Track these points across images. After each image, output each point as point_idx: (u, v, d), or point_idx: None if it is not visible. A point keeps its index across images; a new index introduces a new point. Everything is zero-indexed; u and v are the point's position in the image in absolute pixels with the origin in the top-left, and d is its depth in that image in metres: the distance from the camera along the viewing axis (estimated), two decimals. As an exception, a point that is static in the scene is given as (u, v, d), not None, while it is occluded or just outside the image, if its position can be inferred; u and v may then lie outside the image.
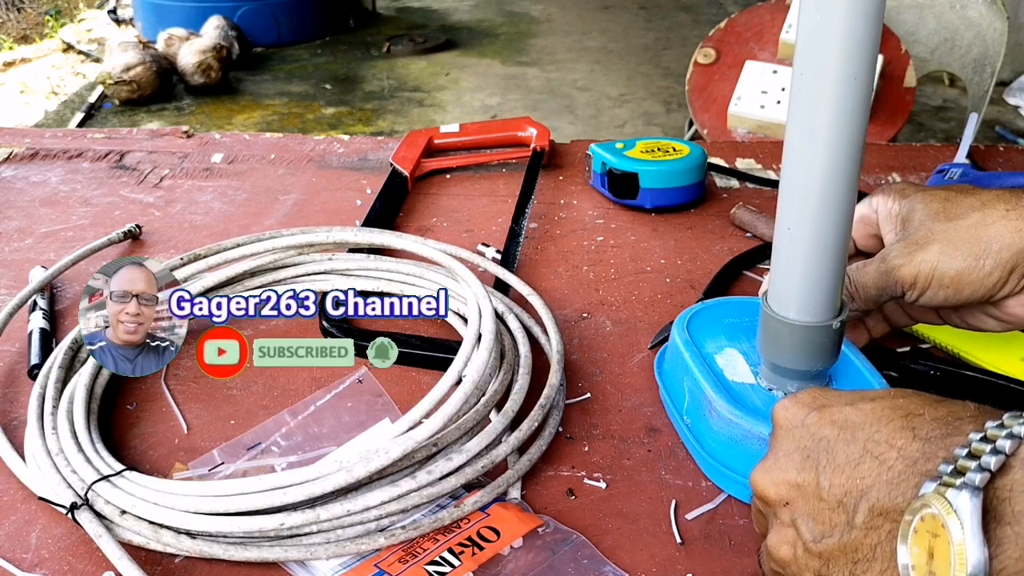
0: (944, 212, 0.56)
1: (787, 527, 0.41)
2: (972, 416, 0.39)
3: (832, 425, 0.41)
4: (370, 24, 4.78)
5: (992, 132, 3.22)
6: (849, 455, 0.39)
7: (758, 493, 0.43)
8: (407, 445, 0.53)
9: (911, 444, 0.38)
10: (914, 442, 0.38)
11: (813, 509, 0.40)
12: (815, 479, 0.40)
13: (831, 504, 0.39)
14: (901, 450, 0.38)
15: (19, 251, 0.85)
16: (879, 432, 0.39)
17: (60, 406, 0.59)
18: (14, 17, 4.66)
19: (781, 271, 0.53)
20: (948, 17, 1.75)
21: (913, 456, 0.38)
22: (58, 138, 1.09)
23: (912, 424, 0.39)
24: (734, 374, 0.59)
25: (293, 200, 0.95)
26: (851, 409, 0.41)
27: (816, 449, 0.41)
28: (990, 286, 0.55)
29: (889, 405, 0.40)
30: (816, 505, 0.40)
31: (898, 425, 0.39)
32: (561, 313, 0.76)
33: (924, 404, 0.40)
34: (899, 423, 0.39)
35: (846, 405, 0.42)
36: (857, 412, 0.41)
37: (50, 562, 0.52)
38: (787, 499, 0.41)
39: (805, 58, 0.46)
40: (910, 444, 0.38)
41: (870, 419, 0.40)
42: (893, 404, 0.40)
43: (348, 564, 0.51)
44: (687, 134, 1.95)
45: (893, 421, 0.39)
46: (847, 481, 0.39)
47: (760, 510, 0.45)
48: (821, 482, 0.40)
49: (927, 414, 0.39)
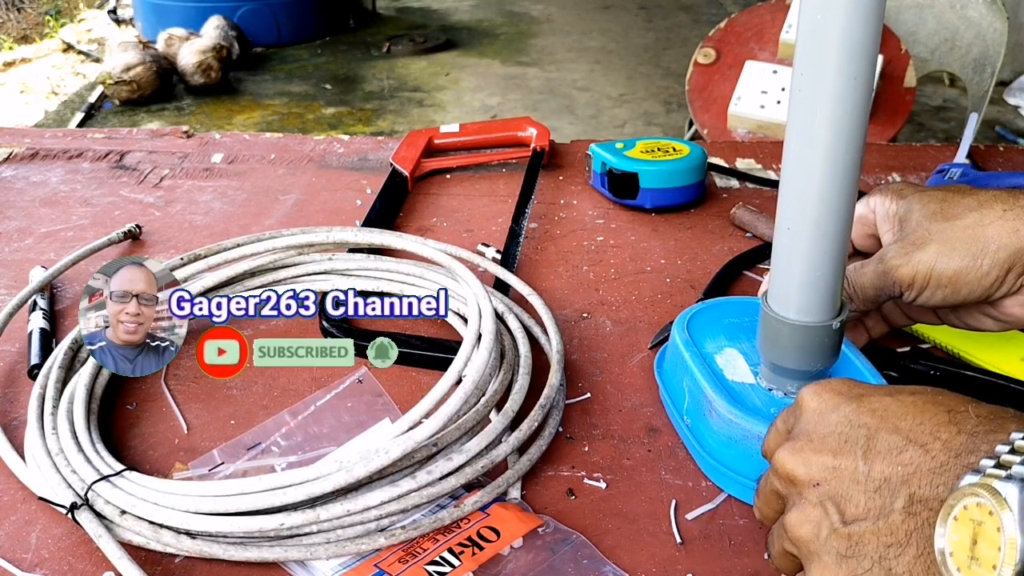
0: (941, 212, 0.57)
1: (813, 507, 0.42)
2: (1014, 416, 0.39)
3: (872, 414, 0.42)
4: (370, 24, 4.78)
5: (992, 132, 3.23)
6: (891, 443, 0.40)
7: (785, 472, 0.43)
8: (407, 445, 0.53)
9: (956, 437, 0.39)
10: (959, 436, 0.39)
11: (848, 492, 0.40)
12: (853, 463, 0.41)
13: (869, 489, 0.40)
14: (946, 443, 0.39)
15: (19, 251, 0.85)
16: (923, 424, 0.40)
17: (60, 406, 0.59)
18: (14, 17, 4.66)
19: (781, 271, 0.53)
20: (948, 17, 1.75)
21: (957, 449, 0.38)
22: (58, 138, 1.09)
23: (956, 419, 0.40)
24: (734, 374, 0.59)
25: (293, 200, 0.95)
26: (891, 400, 0.42)
27: (855, 435, 0.41)
28: (987, 286, 0.55)
29: (931, 400, 0.41)
30: (852, 488, 0.40)
31: (942, 419, 0.40)
32: (561, 313, 0.76)
33: (965, 402, 0.41)
34: (943, 417, 0.40)
35: (886, 396, 0.42)
36: (899, 403, 0.41)
37: (50, 562, 0.52)
38: (818, 480, 0.42)
39: (805, 58, 0.46)
40: (955, 437, 0.39)
41: (912, 411, 0.41)
42: (935, 399, 0.41)
43: (348, 564, 0.51)
44: (687, 134, 1.95)
45: (937, 415, 0.40)
46: (888, 468, 0.39)
47: (777, 490, 0.45)
48: (860, 467, 0.40)
49: (970, 410, 0.40)
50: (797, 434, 0.44)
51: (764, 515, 0.47)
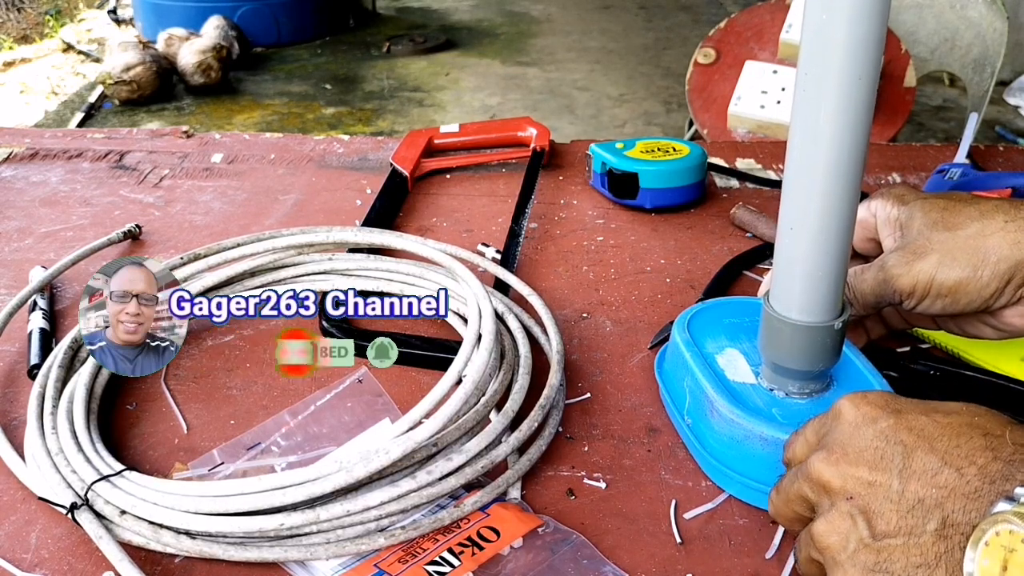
0: (943, 221, 0.57)
1: (843, 518, 0.42)
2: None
3: (909, 432, 0.42)
4: (370, 24, 4.78)
5: (992, 132, 3.22)
6: (927, 464, 0.40)
7: (820, 480, 0.44)
8: (407, 445, 0.52)
9: (992, 464, 0.39)
10: (994, 462, 0.39)
11: (880, 508, 0.41)
12: (888, 480, 0.41)
13: (902, 508, 0.40)
14: (982, 468, 0.39)
15: (19, 251, 0.85)
16: (959, 447, 0.40)
17: (60, 406, 0.59)
18: (14, 17, 4.66)
19: (783, 271, 0.53)
20: (948, 17, 1.75)
21: (992, 475, 0.39)
22: (58, 138, 1.09)
23: (992, 444, 0.40)
24: (735, 374, 0.59)
25: (293, 200, 0.95)
26: (928, 420, 0.42)
27: (892, 452, 0.42)
28: (987, 296, 0.55)
29: (967, 422, 0.42)
30: (886, 506, 0.41)
31: (979, 444, 0.40)
32: (561, 313, 0.76)
33: (1001, 425, 0.41)
34: (979, 441, 0.40)
35: (922, 415, 0.43)
36: (935, 424, 0.42)
37: (50, 562, 0.52)
38: (852, 493, 0.42)
39: (809, 58, 0.46)
40: (991, 464, 0.39)
41: (949, 433, 0.41)
42: (971, 422, 0.42)
43: (348, 564, 0.51)
44: (687, 134, 1.95)
45: (973, 439, 0.40)
46: (922, 489, 0.40)
47: (806, 495, 0.45)
48: (895, 485, 0.41)
49: (1007, 436, 0.40)
50: (832, 444, 0.44)
51: (782, 514, 0.48)
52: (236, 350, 0.71)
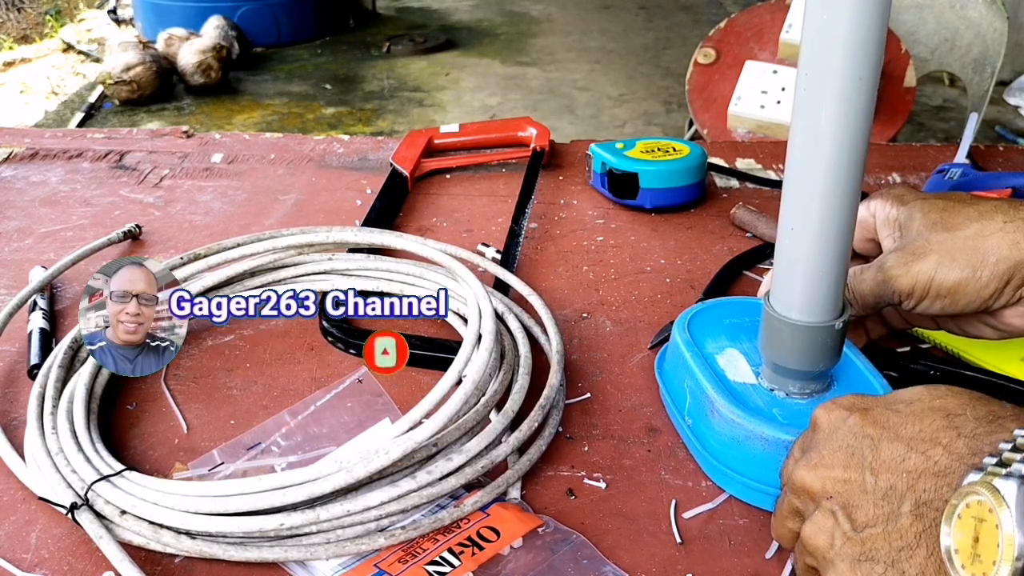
0: (942, 222, 0.57)
1: (826, 516, 0.43)
2: (1013, 415, 0.40)
3: (875, 425, 0.43)
4: (370, 24, 4.78)
5: (992, 132, 3.22)
6: (894, 453, 0.41)
7: (802, 486, 0.45)
8: (407, 445, 0.52)
9: (956, 441, 0.40)
10: (959, 439, 0.40)
11: (857, 501, 0.42)
12: (860, 475, 0.42)
13: (876, 497, 0.41)
14: (946, 447, 0.40)
15: (19, 251, 0.85)
16: (922, 431, 0.41)
17: (60, 406, 0.59)
18: (14, 17, 4.66)
19: (784, 271, 0.53)
20: (948, 17, 1.75)
21: (959, 452, 0.39)
22: (58, 138, 1.09)
23: (955, 424, 0.41)
24: (735, 374, 0.59)
25: (293, 200, 0.95)
26: (891, 411, 0.43)
27: (860, 447, 0.43)
28: (986, 297, 0.55)
29: (928, 406, 0.42)
30: (862, 498, 0.42)
31: (941, 424, 0.41)
32: (561, 313, 0.76)
33: (963, 404, 0.42)
34: (941, 422, 0.41)
35: (886, 408, 0.44)
36: (897, 414, 0.43)
37: (50, 562, 0.52)
38: (831, 492, 0.43)
39: (810, 58, 0.46)
40: (955, 441, 0.40)
41: (911, 420, 0.42)
42: (932, 405, 0.42)
43: (348, 564, 0.51)
44: (687, 134, 1.95)
45: (935, 421, 0.41)
46: (893, 476, 0.41)
47: (797, 510, 0.46)
48: (867, 477, 0.42)
49: (968, 413, 0.41)
50: (810, 451, 0.45)
51: (781, 535, 0.48)
52: (236, 350, 0.71)
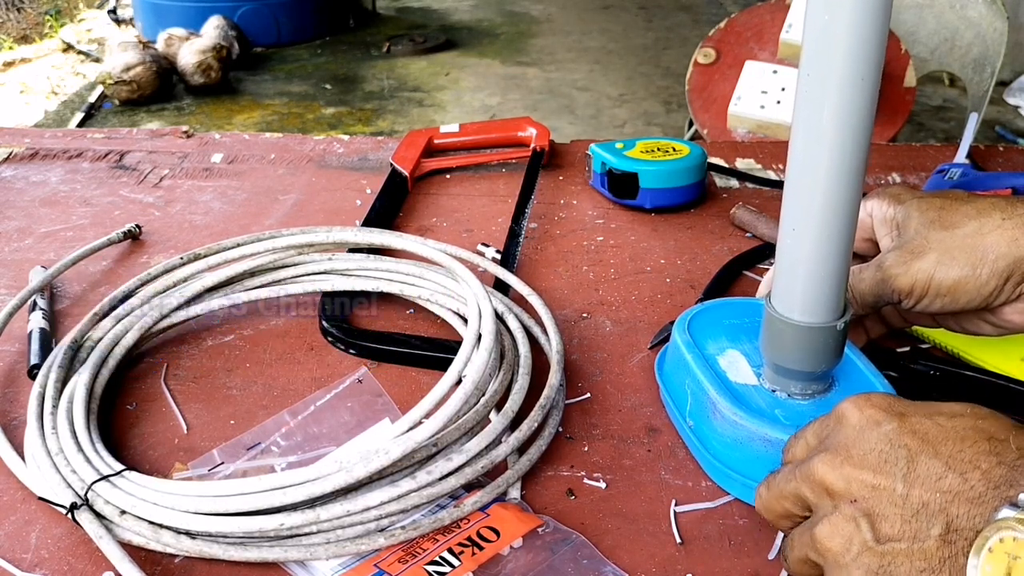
0: (940, 220, 0.57)
1: (847, 521, 0.42)
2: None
3: (913, 435, 0.42)
4: (370, 24, 4.78)
5: (992, 132, 3.23)
6: (931, 468, 0.40)
7: (825, 483, 0.43)
8: (407, 445, 0.52)
9: (995, 469, 0.39)
10: (998, 467, 0.39)
11: (885, 511, 0.41)
12: (892, 484, 0.41)
13: (907, 513, 0.40)
14: (985, 473, 0.39)
15: (19, 251, 0.85)
16: (963, 452, 0.40)
17: (60, 406, 0.59)
18: (14, 17, 4.66)
19: (785, 272, 0.52)
20: (948, 17, 1.75)
21: (996, 480, 0.39)
22: (58, 138, 1.09)
23: (996, 449, 0.40)
24: (736, 375, 0.59)
25: (293, 200, 0.95)
26: (932, 423, 0.42)
27: (896, 456, 0.42)
28: (986, 295, 0.55)
29: (971, 425, 0.41)
30: (890, 510, 0.41)
31: (983, 448, 0.40)
32: (561, 313, 0.76)
33: (1005, 429, 0.41)
34: (984, 446, 0.40)
35: (926, 418, 0.43)
36: (939, 428, 0.42)
37: (50, 562, 0.52)
38: (856, 496, 0.42)
39: (812, 59, 0.46)
40: (994, 468, 0.39)
41: (953, 436, 0.41)
42: (975, 425, 0.41)
43: (348, 564, 0.51)
44: (687, 134, 1.95)
45: (977, 443, 0.40)
46: (927, 494, 0.40)
47: (805, 498, 0.45)
48: (899, 489, 0.41)
49: (1011, 441, 0.40)
50: (835, 446, 0.44)
51: (771, 509, 0.47)
52: (236, 350, 0.71)
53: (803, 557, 0.45)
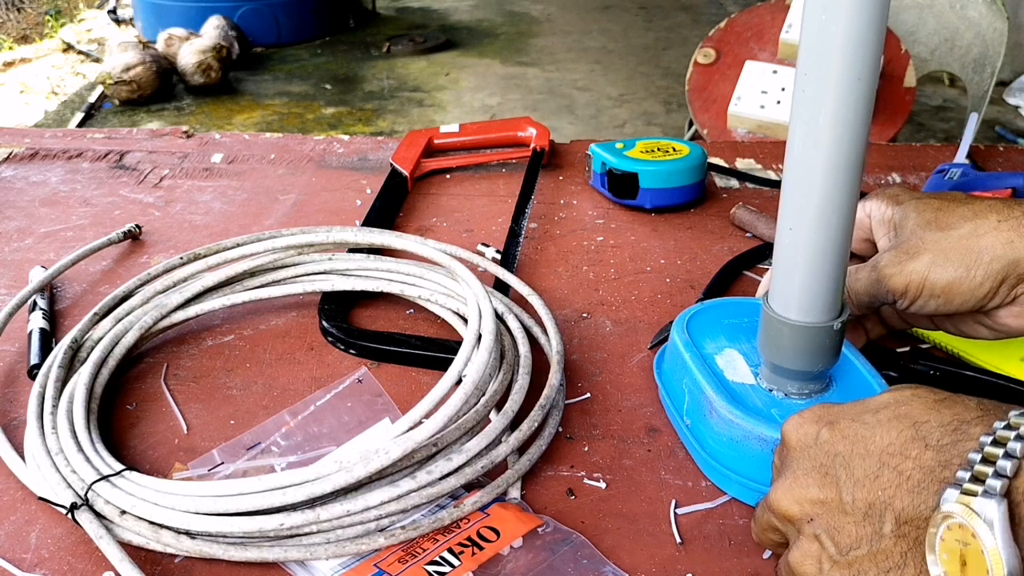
0: (936, 221, 0.57)
1: (811, 542, 0.42)
2: (977, 417, 0.39)
3: (844, 440, 0.42)
4: (370, 24, 4.78)
5: (992, 132, 3.23)
6: (867, 469, 0.40)
7: (781, 512, 0.44)
8: (407, 445, 0.52)
9: (924, 453, 0.39)
10: (927, 451, 0.39)
11: (838, 523, 0.41)
12: (837, 495, 0.41)
13: (856, 517, 0.40)
14: (916, 459, 0.39)
15: (19, 251, 0.85)
16: (891, 444, 0.40)
17: (60, 406, 0.59)
18: (14, 17, 4.66)
19: (782, 271, 0.53)
20: (948, 17, 1.75)
21: (929, 465, 0.39)
22: (58, 138, 1.09)
23: (921, 433, 0.40)
24: (734, 375, 0.59)
25: (293, 200, 0.95)
26: (858, 424, 0.42)
27: (833, 465, 0.42)
28: (980, 296, 0.55)
29: (894, 414, 0.41)
30: (841, 519, 0.41)
31: (908, 435, 0.40)
32: (561, 313, 0.76)
33: (927, 409, 0.41)
34: (908, 433, 0.40)
35: (853, 420, 0.43)
36: (864, 426, 0.42)
37: (50, 562, 0.52)
38: (811, 515, 0.42)
39: (809, 58, 0.46)
40: (923, 453, 0.39)
41: (879, 432, 0.41)
42: (897, 413, 0.41)
43: (348, 564, 0.51)
44: (687, 134, 1.95)
45: (903, 431, 0.40)
46: (869, 494, 0.40)
47: (778, 528, 0.46)
48: (844, 497, 0.41)
49: (932, 420, 0.40)
50: (785, 472, 0.45)
51: (761, 541, 0.48)
52: (236, 350, 0.71)
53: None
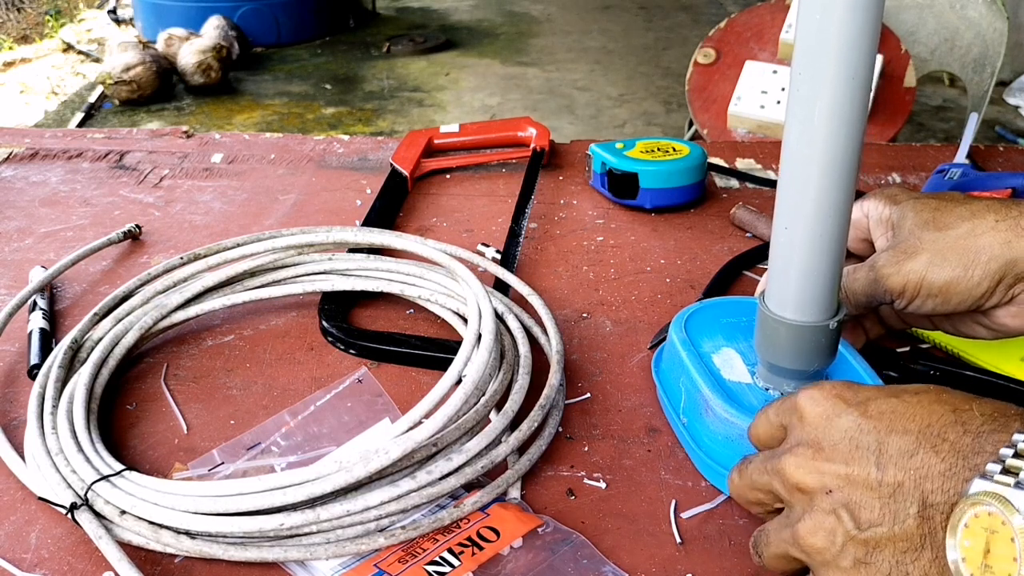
0: (934, 221, 0.57)
1: (827, 515, 0.42)
2: (1017, 414, 0.40)
3: (880, 417, 0.42)
4: (370, 24, 4.78)
5: (992, 132, 3.23)
6: (903, 447, 0.40)
7: (794, 481, 0.43)
8: (407, 445, 0.53)
9: (962, 438, 0.39)
10: (965, 436, 0.39)
11: (863, 499, 0.41)
12: (866, 470, 0.41)
13: (884, 494, 0.40)
14: (953, 444, 0.39)
15: (19, 251, 0.85)
16: (931, 426, 0.40)
17: (60, 406, 0.59)
18: (14, 17, 4.66)
19: (778, 271, 0.53)
20: (948, 17, 1.75)
21: (964, 450, 0.39)
22: (58, 138, 1.09)
23: (962, 419, 0.40)
24: (731, 373, 0.59)
25: (293, 200, 0.95)
26: (898, 401, 0.42)
27: (866, 440, 0.42)
28: (978, 296, 0.55)
29: (935, 399, 0.42)
30: (868, 495, 0.41)
31: (949, 419, 0.40)
32: (561, 313, 0.76)
33: (967, 400, 0.41)
34: (949, 417, 0.40)
35: (891, 397, 0.43)
36: (905, 405, 0.42)
37: (50, 562, 0.52)
38: (831, 487, 0.42)
39: (803, 57, 0.46)
40: (961, 438, 0.39)
41: (919, 412, 0.41)
42: (939, 398, 0.42)
43: (348, 564, 0.51)
44: (687, 134, 1.95)
45: (944, 415, 0.40)
46: (900, 473, 0.40)
47: (776, 493, 0.45)
48: (874, 473, 0.41)
49: (974, 408, 0.40)
50: (802, 442, 0.44)
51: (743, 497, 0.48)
52: (236, 350, 0.71)
53: (781, 553, 0.45)
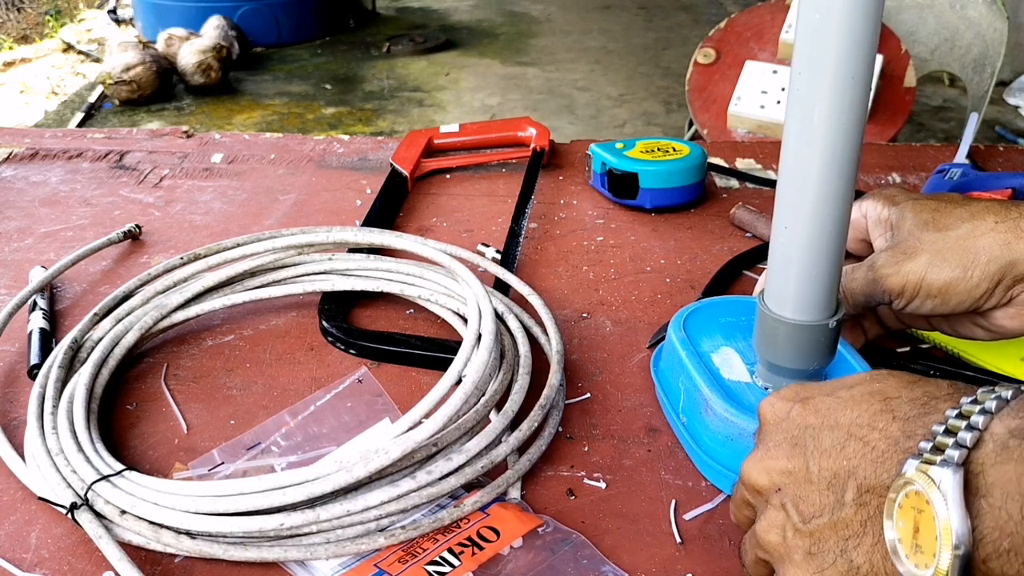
0: (933, 222, 0.57)
1: (777, 511, 0.43)
2: (947, 395, 0.40)
3: (816, 414, 0.43)
4: (370, 24, 4.78)
5: (992, 132, 3.23)
6: (834, 439, 0.41)
7: (751, 483, 0.45)
8: (407, 445, 0.53)
9: (891, 425, 0.40)
10: (894, 423, 0.40)
11: (803, 492, 0.42)
12: (804, 464, 0.42)
13: (820, 486, 0.41)
14: (882, 431, 0.40)
15: (19, 251, 0.85)
16: (860, 416, 0.41)
17: (60, 406, 0.59)
18: (14, 17, 4.66)
19: (778, 270, 0.53)
20: (948, 17, 1.75)
21: (894, 436, 0.40)
22: (58, 138, 1.09)
23: (891, 407, 0.41)
24: (730, 372, 0.59)
25: (293, 200, 0.95)
26: (831, 399, 0.43)
27: (803, 437, 0.43)
28: (977, 297, 0.55)
29: (867, 391, 0.42)
30: (806, 488, 0.42)
31: (878, 408, 0.41)
32: (561, 313, 0.76)
33: (900, 387, 0.42)
34: (878, 407, 0.41)
35: (826, 395, 0.44)
36: (837, 400, 0.43)
37: (50, 562, 0.52)
38: (778, 485, 0.43)
39: (803, 57, 0.46)
40: (890, 425, 0.40)
41: (850, 405, 0.42)
42: (871, 389, 0.42)
43: (348, 564, 0.51)
44: (687, 134, 1.95)
45: (873, 405, 0.41)
46: (834, 463, 0.41)
47: (749, 501, 0.46)
48: (810, 466, 0.42)
49: (903, 396, 0.41)
50: (758, 445, 0.46)
51: (739, 521, 0.49)
52: (236, 350, 0.71)
53: (754, 558, 0.45)
